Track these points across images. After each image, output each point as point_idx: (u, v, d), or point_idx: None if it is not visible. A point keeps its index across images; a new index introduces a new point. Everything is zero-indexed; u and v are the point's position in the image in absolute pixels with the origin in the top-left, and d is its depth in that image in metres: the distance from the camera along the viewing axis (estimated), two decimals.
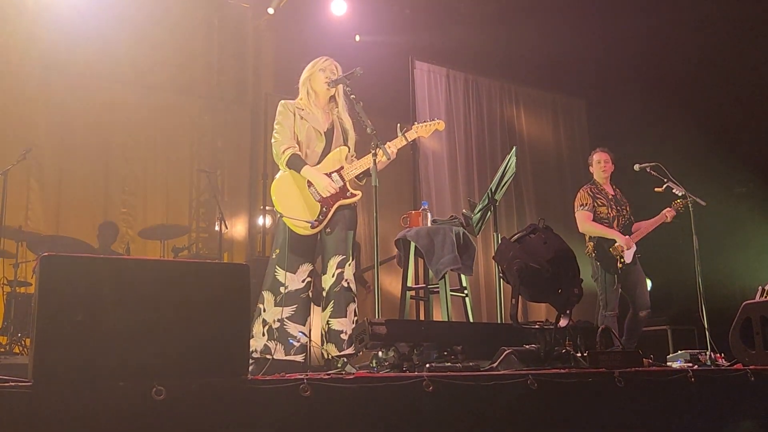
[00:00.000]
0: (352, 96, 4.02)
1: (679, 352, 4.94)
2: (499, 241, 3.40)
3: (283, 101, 4.22)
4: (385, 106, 7.39)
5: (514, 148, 4.97)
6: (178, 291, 2.13)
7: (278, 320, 3.92)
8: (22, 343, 5.81)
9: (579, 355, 3.18)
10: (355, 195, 4.16)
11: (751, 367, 3.40)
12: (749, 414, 3.16)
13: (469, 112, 8.86)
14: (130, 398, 1.93)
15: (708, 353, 4.62)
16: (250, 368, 3.80)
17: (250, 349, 3.87)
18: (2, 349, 5.79)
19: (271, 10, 8.30)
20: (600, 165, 5.90)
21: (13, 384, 1.83)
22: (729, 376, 3.24)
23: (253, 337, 3.92)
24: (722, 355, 4.60)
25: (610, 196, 5.83)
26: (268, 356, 3.84)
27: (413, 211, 5.05)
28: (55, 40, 7.74)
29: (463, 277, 4.90)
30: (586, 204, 5.75)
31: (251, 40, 8.94)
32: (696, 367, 3.80)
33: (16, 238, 6.41)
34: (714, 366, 4.18)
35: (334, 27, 8.20)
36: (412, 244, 4.80)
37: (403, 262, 4.94)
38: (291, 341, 3.93)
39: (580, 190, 5.91)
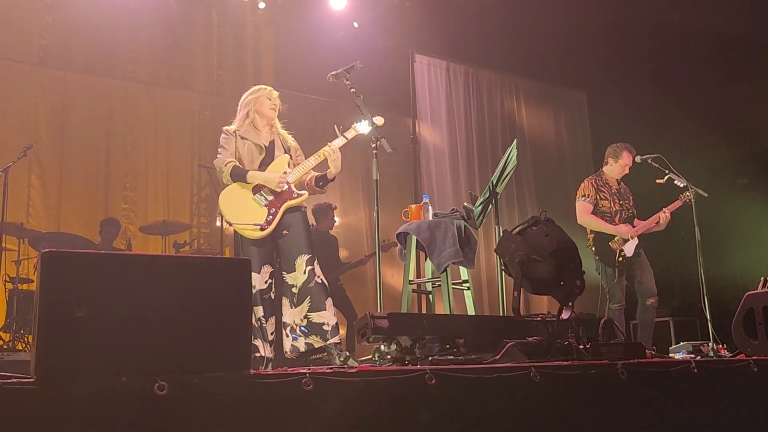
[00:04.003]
0: (352, 90, 4.02)
1: (682, 343, 4.94)
2: (501, 234, 3.40)
3: (225, 128, 4.31)
4: (385, 100, 7.38)
5: (515, 141, 4.96)
6: (179, 286, 2.13)
7: (258, 319, 4.00)
8: (25, 339, 5.82)
9: (581, 347, 3.18)
10: (302, 195, 4.22)
11: (753, 357, 3.39)
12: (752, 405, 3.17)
13: (470, 104, 8.84)
14: (133, 394, 1.93)
15: (710, 344, 4.62)
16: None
17: None
18: (5, 346, 5.80)
19: (262, 5, 8.30)
20: (624, 169, 5.75)
21: (15, 381, 1.83)
22: (732, 367, 3.23)
23: None
24: (724, 346, 4.61)
25: (613, 190, 5.73)
26: (256, 354, 3.93)
27: (414, 205, 5.05)
28: (54, 36, 7.75)
29: (464, 270, 4.90)
30: (589, 195, 5.64)
31: (251, 35, 8.92)
32: (699, 358, 3.80)
33: (18, 234, 6.42)
34: (716, 357, 4.18)
35: (333, 21, 8.19)
36: (414, 238, 4.80)
37: (405, 255, 4.94)
38: (294, 336, 3.99)
39: (585, 181, 5.78)
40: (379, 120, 4.37)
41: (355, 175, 8.45)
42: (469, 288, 4.91)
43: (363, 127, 4.32)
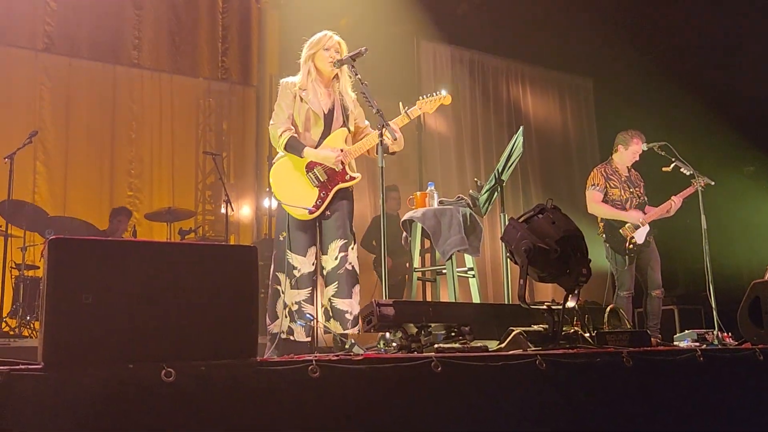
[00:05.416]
0: (357, 77, 3.98)
1: (687, 331, 4.93)
2: (507, 222, 3.39)
3: (283, 81, 4.16)
4: (390, 87, 7.35)
5: (520, 128, 4.93)
6: (186, 273, 2.13)
7: (296, 303, 3.95)
8: (31, 326, 5.84)
9: (587, 335, 3.18)
10: (354, 178, 4.12)
11: (759, 346, 3.39)
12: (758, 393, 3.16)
13: (475, 92, 8.82)
14: (140, 381, 1.93)
15: (715, 332, 4.61)
16: (271, 350, 3.85)
17: (276, 331, 3.92)
18: (12, 333, 5.83)
19: None
20: (635, 156, 5.72)
21: (23, 368, 1.84)
22: (737, 356, 3.23)
23: (277, 318, 3.97)
24: (729, 334, 4.60)
25: (623, 178, 5.73)
26: (291, 338, 3.89)
27: (419, 192, 5.04)
28: (59, 23, 7.73)
29: (469, 258, 4.89)
30: (598, 184, 5.66)
31: (255, 21, 8.89)
32: (704, 346, 3.80)
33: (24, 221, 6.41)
34: (721, 345, 4.18)
35: (338, 6, 8.14)
36: (419, 225, 4.79)
37: (410, 243, 4.93)
38: (300, 323, 3.96)
39: (594, 169, 5.80)
40: (446, 98, 4.27)
41: (360, 162, 8.43)
42: (474, 276, 4.91)
43: (428, 105, 4.23)
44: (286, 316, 3.94)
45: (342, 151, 4.05)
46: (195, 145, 8.43)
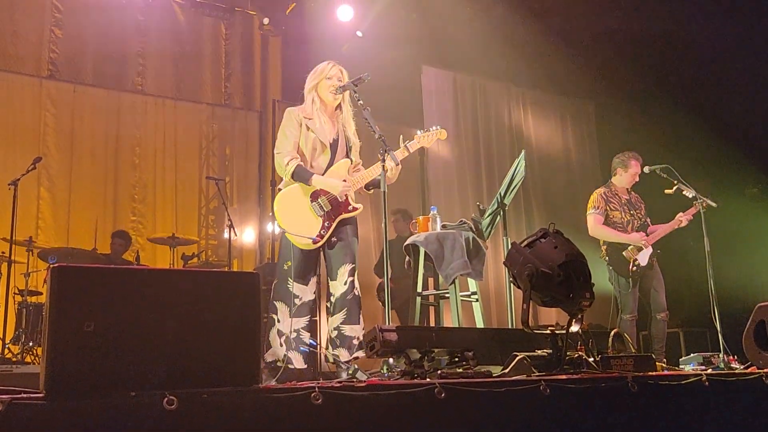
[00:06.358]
0: (360, 102, 4.01)
1: (692, 354, 4.91)
2: (509, 246, 3.38)
3: (289, 109, 4.20)
4: (393, 112, 7.39)
5: (522, 152, 4.95)
6: (188, 300, 2.13)
7: (295, 330, 3.94)
8: (34, 352, 5.82)
9: (591, 360, 3.16)
10: (357, 209, 4.15)
11: (766, 370, 3.37)
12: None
13: (477, 116, 8.86)
14: (142, 409, 1.92)
15: (721, 356, 4.59)
16: (275, 378, 3.83)
17: (272, 359, 3.91)
18: (15, 359, 5.81)
19: (266, 20, 8.40)
20: (635, 178, 5.74)
21: (25, 396, 1.83)
22: (743, 381, 3.21)
23: (271, 347, 3.96)
24: (735, 357, 4.57)
25: (623, 200, 5.74)
26: (290, 365, 3.88)
27: (422, 217, 5.04)
28: (63, 50, 7.82)
29: (472, 281, 4.88)
30: (599, 207, 5.66)
31: (258, 47, 8.97)
32: (709, 370, 3.78)
33: (27, 247, 6.43)
34: (727, 368, 4.15)
35: (340, 33, 8.22)
36: (422, 250, 4.79)
37: (413, 267, 4.93)
38: (303, 349, 3.95)
39: (594, 193, 5.80)
40: (442, 133, 4.33)
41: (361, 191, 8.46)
42: (477, 300, 4.89)
43: (426, 140, 4.29)
44: (281, 345, 3.93)
45: (345, 182, 4.09)
46: (198, 170, 8.47)
